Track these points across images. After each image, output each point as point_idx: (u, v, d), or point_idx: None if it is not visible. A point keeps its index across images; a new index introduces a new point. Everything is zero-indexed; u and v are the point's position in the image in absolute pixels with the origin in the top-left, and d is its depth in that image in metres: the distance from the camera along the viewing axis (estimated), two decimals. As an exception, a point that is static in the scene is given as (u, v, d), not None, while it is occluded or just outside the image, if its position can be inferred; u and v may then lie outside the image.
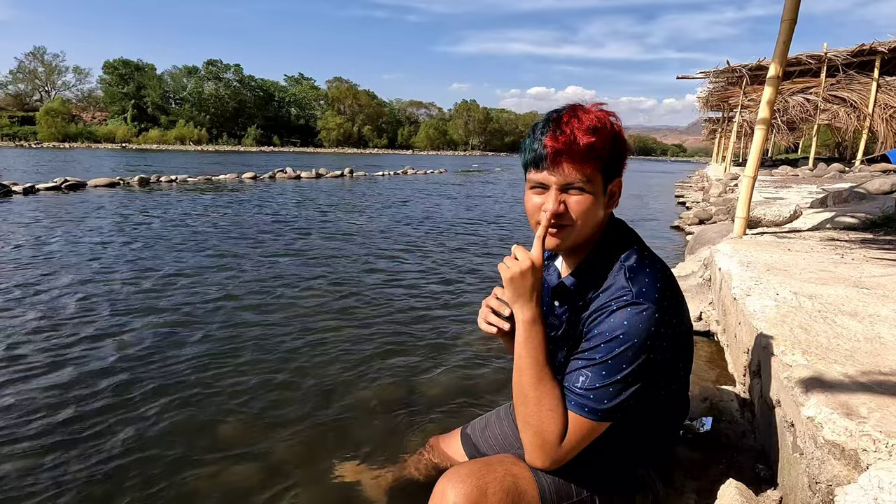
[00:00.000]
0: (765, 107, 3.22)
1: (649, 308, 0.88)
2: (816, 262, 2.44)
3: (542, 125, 0.94)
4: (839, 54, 11.96)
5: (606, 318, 0.90)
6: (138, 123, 65.68)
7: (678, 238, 6.70)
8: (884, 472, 0.81)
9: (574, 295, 1.01)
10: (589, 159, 0.89)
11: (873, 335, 1.43)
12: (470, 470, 0.92)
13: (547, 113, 0.96)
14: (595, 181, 0.92)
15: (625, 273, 0.93)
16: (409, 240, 6.01)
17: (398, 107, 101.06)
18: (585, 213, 0.92)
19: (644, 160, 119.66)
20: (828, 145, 22.94)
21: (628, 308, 0.88)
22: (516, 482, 0.93)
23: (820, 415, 1.02)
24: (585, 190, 0.91)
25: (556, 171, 0.90)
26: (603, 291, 0.94)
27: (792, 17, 3.02)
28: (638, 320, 0.87)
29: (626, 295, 0.90)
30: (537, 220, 0.95)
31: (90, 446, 1.75)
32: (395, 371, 2.39)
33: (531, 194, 0.96)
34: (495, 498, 0.88)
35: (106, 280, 3.79)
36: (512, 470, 0.95)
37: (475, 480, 0.90)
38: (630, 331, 0.87)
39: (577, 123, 0.89)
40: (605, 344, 0.88)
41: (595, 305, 0.94)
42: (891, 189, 4.99)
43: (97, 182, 11.35)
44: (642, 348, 0.87)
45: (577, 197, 0.92)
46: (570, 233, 0.94)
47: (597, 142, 0.88)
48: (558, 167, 0.90)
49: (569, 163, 0.89)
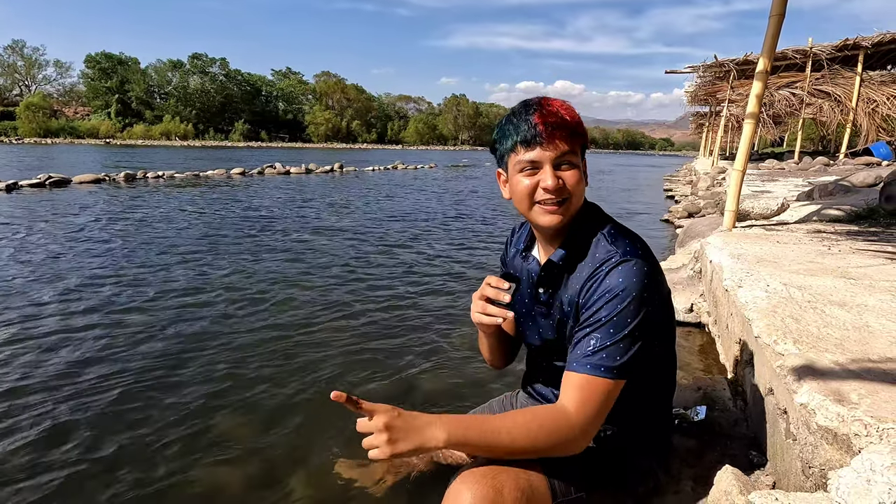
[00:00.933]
0: (753, 101, 3.26)
1: (638, 262, 0.94)
2: (804, 254, 2.49)
3: (522, 110, 0.97)
4: (824, 49, 12.11)
5: (602, 282, 0.94)
6: (122, 118, 64.59)
7: (668, 231, 6.78)
8: (876, 456, 0.84)
9: (562, 270, 1.04)
10: (576, 135, 0.96)
11: (861, 324, 1.47)
12: (484, 471, 0.91)
13: (518, 103, 1.00)
14: (578, 155, 0.98)
15: (606, 239, 1.00)
16: (403, 235, 6.01)
17: (387, 101, 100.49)
18: (578, 185, 0.98)
19: (632, 154, 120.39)
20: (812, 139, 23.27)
21: (619, 267, 0.93)
22: (529, 479, 0.93)
23: (812, 401, 1.05)
24: (574, 164, 0.97)
25: (549, 146, 0.94)
26: (589, 260, 0.99)
27: (780, 12, 3.06)
28: (631, 275, 0.92)
29: (613, 256, 0.95)
30: (535, 199, 0.98)
31: (83, 446, 1.74)
32: (390, 368, 2.40)
33: (521, 177, 0.98)
34: (511, 497, 0.88)
35: (101, 277, 3.75)
36: (527, 469, 0.95)
37: (490, 481, 0.89)
38: (627, 286, 0.92)
39: (558, 104, 0.97)
40: (607, 304, 0.92)
41: (586, 273, 0.98)
42: (874, 182, 5.09)
43: (82, 178, 11.16)
44: (641, 301, 0.92)
45: (570, 171, 0.97)
46: (570, 206, 0.99)
47: (579, 119, 0.98)
48: (552, 142, 0.94)
49: (561, 137, 0.94)
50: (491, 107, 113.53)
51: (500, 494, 0.87)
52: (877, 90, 12.26)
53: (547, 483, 0.96)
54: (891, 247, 2.70)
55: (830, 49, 12.03)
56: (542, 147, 0.94)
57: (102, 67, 67.19)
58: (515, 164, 0.98)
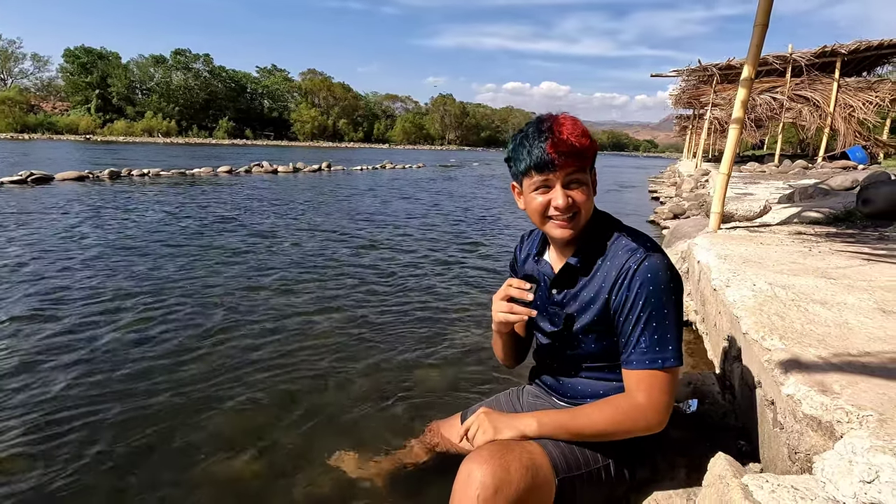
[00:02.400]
0: (739, 107, 3.37)
1: (660, 256, 1.04)
2: (787, 255, 2.60)
3: (534, 134, 1.03)
4: (803, 55, 12.46)
5: (633, 280, 1.03)
6: (103, 114, 63.23)
7: (654, 232, 6.92)
8: (857, 440, 0.91)
9: (577, 273, 1.13)
10: (586, 158, 1.04)
11: (841, 321, 1.56)
12: (491, 451, 1.00)
13: (532, 122, 1.07)
14: (587, 173, 1.07)
15: (623, 239, 1.09)
16: (401, 234, 6.05)
17: (374, 100, 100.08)
18: (586, 202, 1.07)
19: (617, 155, 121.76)
20: (792, 142, 23.86)
21: (645, 262, 1.02)
22: (533, 458, 1.02)
23: (798, 392, 1.13)
24: (582, 182, 1.06)
25: (561, 172, 1.03)
26: (611, 258, 1.08)
27: (764, 21, 3.17)
28: (657, 268, 1.02)
29: (637, 252, 1.04)
30: (548, 215, 1.07)
31: (83, 443, 1.76)
32: (392, 362, 2.45)
33: (535, 195, 1.07)
34: (518, 474, 0.96)
35: (91, 275, 3.72)
36: (527, 447, 1.04)
37: (498, 460, 0.97)
38: (656, 279, 1.01)
39: (568, 129, 1.01)
40: (643, 302, 1.01)
41: (611, 269, 1.06)
42: (851, 185, 5.28)
43: (65, 176, 10.96)
44: (670, 290, 1.02)
45: (578, 189, 1.05)
46: (579, 220, 1.08)
47: (590, 145, 1.04)
48: (563, 168, 1.02)
49: (572, 163, 1.03)
50: (478, 107, 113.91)
51: (507, 472, 0.96)
52: (853, 96, 12.65)
53: (549, 461, 1.04)
54: (867, 248, 2.84)
55: (809, 55, 12.39)
56: (552, 173, 1.03)
57: (82, 62, 65.69)
58: (530, 184, 1.07)
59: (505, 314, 1.12)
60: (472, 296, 3.58)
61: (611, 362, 1.14)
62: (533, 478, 0.98)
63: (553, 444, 1.08)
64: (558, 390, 1.26)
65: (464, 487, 0.95)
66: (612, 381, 1.15)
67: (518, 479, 0.96)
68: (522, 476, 0.96)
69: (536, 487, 0.99)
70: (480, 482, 0.94)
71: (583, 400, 1.18)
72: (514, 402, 1.41)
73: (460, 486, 0.97)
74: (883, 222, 3.65)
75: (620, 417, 1.04)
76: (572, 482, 1.06)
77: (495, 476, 0.94)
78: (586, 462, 1.09)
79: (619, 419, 1.04)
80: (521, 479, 0.96)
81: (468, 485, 0.95)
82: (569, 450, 1.09)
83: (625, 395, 1.07)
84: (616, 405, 1.05)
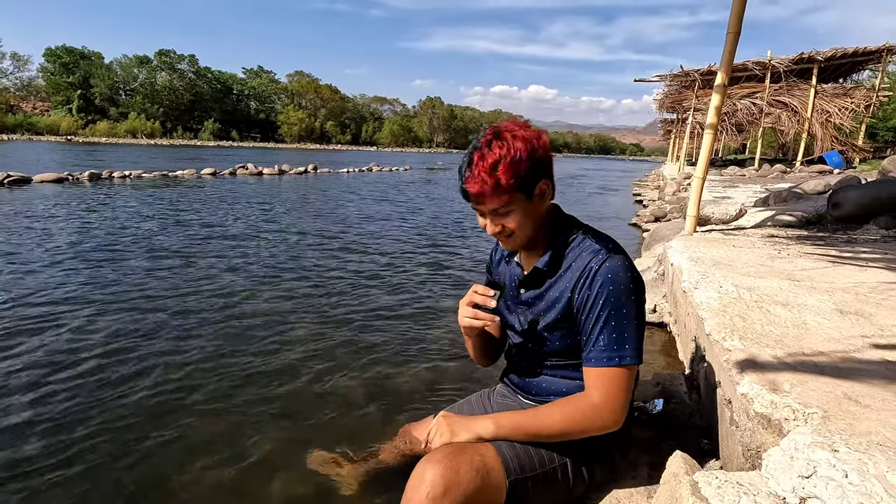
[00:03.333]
0: (713, 112, 3.44)
1: (621, 258, 1.07)
2: (756, 258, 2.66)
3: (464, 161, 1.05)
4: (782, 62, 12.75)
5: (594, 280, 1.06)
6: (84, 115, 62.17)
7: (636, 234, 7.02)
8: (800, 436, 0.95)
9: (544, 275, 1.16)
10: (500, 192, 1.03)
11: (800, 322, 1.61)
12: (444, 453, 1.04)
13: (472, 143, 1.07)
14: (516, 200, 1.05)
15: (586, 241, 1.12)
16: (379, 236, 6.05)
17: (362, 102, 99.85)
18: (520, 224, 1.09)
19: (604, 159, 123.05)
20: (773, 147, 24.34)
21: (606, 263, 1.06)
22: (484, 460, 1.05)
23: (751, 391, 1.16)
24: (511, 210, 1.07)
25: (479, 206, 1.08)
26: (575, 259, 1.11)
27: (736, 29, 3.25)
28: (618, 269, 1.05)
29: (599, 254, 1.07)
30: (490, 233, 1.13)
31: (62, 445, 1.74)
32: (366, 366, 2.45)
33: (477, 214, 1.13)
34: (467, 476, 1.00)
35: (60, 279, 3.66)
36: (480, 450, 1.08)
37: (449, 461, 1.01)
38: (616, 279, 1.04)
39: (482, 165, 1.01)
40: (603, 301, 1.05)
41: (575, 270, 1.09)
42: (824, 189, 5.42)
43: (43, 177, 10.75)
44: (630, 291, 1.05)
45: (507, 217, 1.08)
46: (515, 239, 1.12)
47: (501, 178, 1.00)
48: (481, 203, 1.06)
49: (487, 199, 1.04)
50: (466, 110, 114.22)
51: (456, 473, 0.99)
52: (830, 102, 12.97)
53: (502, 463, 1.07)
54: (835, 250, 2.92)
55: (788, 62, 12.67)
56: (474, 206, 1.08)
57: (63, 62, 64.55)
58: None
59: (469, 319, 1.16)
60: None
61: (575, 360, 1.17)
62: (482, 479, 1.02)
63: (508, 445, 1.11)
64: (524, 388, 1.30)
65: (415, 487, 0.99)
66: (577, 379, 1.18)
67: (467, 480, 0.99)
68: (472, 478, 1.00)
69: (486, 488, 1.02)
70: (431, 482, 0.98)
71: (547, 398, 1.21)
72: (485, 402, 1.43)
73: (412, 486, 1.00)
74: (852, 225, 3.75)
75: (577, 416, 1.06)
76: (525, 483, 1.09)
77: (445, 477, 0.98)
78: (542, 462, 1.12)
79: (575, 418, 1.07)
80: (470, 481, 0.99)
81: (419, 484, 0.99)
82: (524, 451, 1.11)
83: (582, 395, 1.09)
84: (573, 404, 1.08)
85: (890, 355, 1.36)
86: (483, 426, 1.11)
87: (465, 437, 1.11)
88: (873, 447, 0.90)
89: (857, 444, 0.91)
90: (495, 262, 1.36)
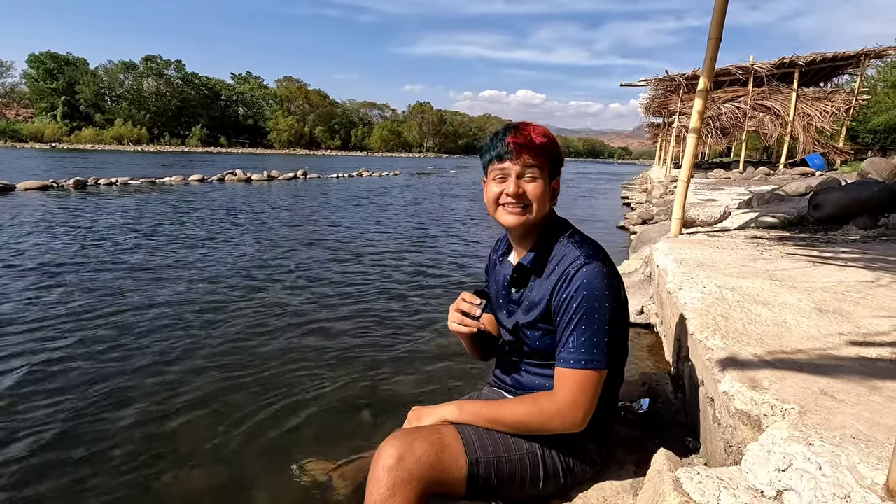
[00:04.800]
0: (696, 116, 3.51)
1: (599, 265, 1.10)
2: (739, 259, 2.72)
3: (503, 131, 1.16)
4: (764, 66, 12.99)
5: (570, 283, 1.09)
6: (69, 121, 61.42)
7: (624, 237, 7.09)
8: (777, 431, 0.98)
9: (531, 271, 1.20)
10: (541, 153, 1.13)
11: (780, 321, 1.65)
12: (402, 432, 1.12)
13: (505, 125, 1.18)
14: (544, 171, 1.14)
15: (570, 244, 1.15)
16: (371, 242, 6.05)
17: (351, 107, 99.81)
18: (539, 195, 1.14)
19: (592, 162, 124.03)
20: (757, 149, 24.75)
21: (583, 269, 1.09)
22: (441, 437, 1.10)
23: (732, 389, 1.19)
24: (537, 177, 1.13)
25: (516, 161, 1.12)
26: (558, 262, 1.14)
27: (717, 35, 3.33)
28: (593, 276, 1.08)
29: (578, 259, 1.11)
30: (500, 202, 1.16)
31: (49, 453, 1.72)
32: (359, 369, 2.46)
33: (493, 184, 1.16)
34: (421, 448, 1.05)
35: (58, 283, 3.62)
36: (439, 429, 1.13)
37: (405, 436, 1.08)
38: (591, 286, 1.07)
39: (532, 129, 1.14)
40: (577, 305, 1.08)
41: (556, 273, 1.13)
42: (805, 191, 5.53)
43: (28, 185, 10.59)
44: (605, 298, 1.08)
45: (532, 182, 1.13)
46: (530, 212, 1.15)
47: (548, 142, 1.15)
48: (519, 157, 1.12)
49: (527, 154, 1.12)
50: (455, 114, 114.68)
51: (410, 445, 1.05)
52: (811, 105, 13.23)
53: (462, 442, 1.11)
54: (815, 251, 2.98)
55: (770, 66, 12.91)
56: (510, 160, 1.12)
57: (47, 68, 63.78)
58: (491, 174, 1.17)
59: (457, 325, 1.24)
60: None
61: (553, 361, 1.20)
62: (438, 453, 1.06)
63: (472, 429, 1.15)
64: (507, 383, 1.34)
65: (375, 461, 1.05)
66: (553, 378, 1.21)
67: (421, 452, 1.04)
68: (426, 450, 1.05)
69: (442, 463, 1.06)
70: (386, 454, 1.04)
71: (526, 393, 1.25)
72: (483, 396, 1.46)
73: (374, 462, 1.06)
74: (832, 226, 3.83)
75: (535, 411, 1.10)
76: (488, 465, 1.11)
77: (398, 448, 1.04)
78: (507, 448, 1.14)
79: (532, 412, 1.10)
80: (424, 453, 1.04)
81: (378, 458, 1.05)
82: (488, 435, 1.14)
83: (549, 392, 1.13)
84: (535, 399, 1.12)
85: (866, 352, 1.41)
86: (448, 410, 1.18)
87: (428, 420, 1.18)
88: (846, 440, 0.93)
89: (831, 437, 0.94)
90: (493, 262, 1.40)
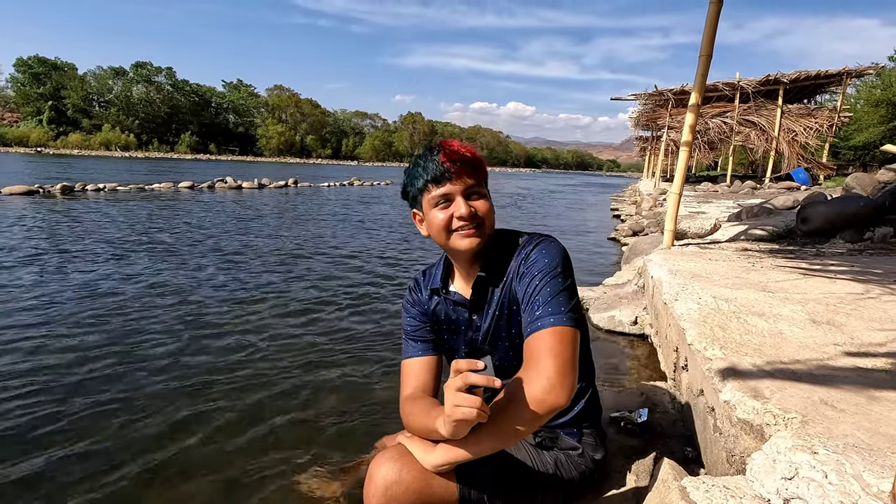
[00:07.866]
0: (687, 131, 3.58)
1: (553, 239, 1.11)
2: (732, 270, 2.76)
3: (427, 153, 1.08)
4: (749, 83, 13.31)
5: (528, 257, 1.08)
6: (56, 126, 60.70)
7: (615, 249, 7.15)
8: (781, 440, 0.99)
9: (489, 284, 1.14)
10: (478, 169, 1.07)
11: (776, 331, 1.68)
12: (392, 455, 1.02)
13: (423, 149, 1.12)
14: (484, 186, 1.10)
15: (522, 236, 1.14)
16: (363, 251, 6.03)
17: (342, 117, 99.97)
18: (489, 212, 1.09)
19: (580, 174, 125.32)
20: (743, 163, 25.24)
21: (539, 245, 1.09)
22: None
23: (734, 398, 1.21)
24: (483, 194, 1.09)
25: (458, 181, 1.05)
26: (513, 259, 1.11)
27: (708, 52, 3.41)
28: (551, 248, 1.08)
29: (532, 239, 1.11)
30: (452, 228, 1.07)
31: (37, 466, 1.68)
32: (350, 379, 2.44)
33: (436, 211, 1.07)
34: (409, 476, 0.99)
35: (46, 296, 3.55)
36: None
37: (393, 463, 1.00)
38: (549, 254, 1.06)
39: (457, 145, 1.08)
40: (538, 274, 1.04)
41: (514, 263, 1.10)
42: (793, 205, 5.64)
43: (13, 190, 10.41)
44: (565, 265, 1.06)
45: (479, 200, 1.08)
46: (484, 229, 1.08)
47: (478, 155, 1.09)
48: (460, 176, 1.05)
49: (466, 172, 1.05)
50: (446, 125, 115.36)
51: (399, 475, 0.99)
52: (795, 121, 13.55)
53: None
54: (805, 263, 3.04)
55: (755, 83, 13.23)
56: (451, 182, 1.05)
57: (35, 72, 63.13)
58: (429, 201, 1.07)
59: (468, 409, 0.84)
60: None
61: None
62: (427, 479, 1.01)
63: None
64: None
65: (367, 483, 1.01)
66: None
67: (410, 479, 0.99)
68: (415, 477, 1.00)
69: (431, 488, 1.01)
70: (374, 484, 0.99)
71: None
72: None
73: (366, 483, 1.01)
74: (820, 239, 3.91)
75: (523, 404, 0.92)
76: (483, 485, 1.07)
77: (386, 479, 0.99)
78: (500, 462, 1.11)
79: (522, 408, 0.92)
80: (413, 479, 0.99)
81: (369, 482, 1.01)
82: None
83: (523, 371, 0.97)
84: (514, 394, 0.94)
85: (861, 362, 1.43)
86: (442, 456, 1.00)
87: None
88: (849, 449, 0.94)
89: (834, 446, 0.96)
90: (423, 303, 1.25)
